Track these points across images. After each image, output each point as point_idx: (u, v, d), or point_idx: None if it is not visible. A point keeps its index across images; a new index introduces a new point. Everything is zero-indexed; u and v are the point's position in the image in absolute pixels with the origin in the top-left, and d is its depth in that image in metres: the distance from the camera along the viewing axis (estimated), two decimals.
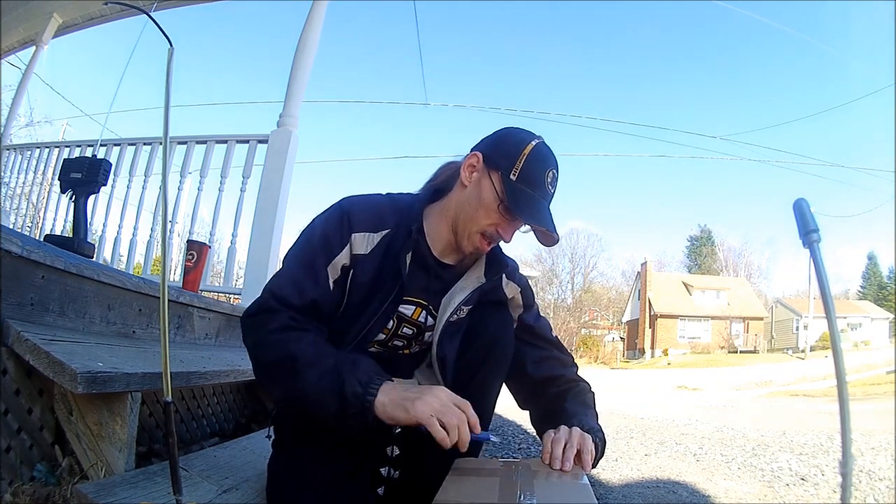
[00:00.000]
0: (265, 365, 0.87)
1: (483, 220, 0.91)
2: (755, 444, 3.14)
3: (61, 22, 3.96)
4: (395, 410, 0.76)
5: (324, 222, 0.93)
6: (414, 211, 0.96)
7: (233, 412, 1.81)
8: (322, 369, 0.79)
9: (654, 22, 50.29)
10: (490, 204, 0.90)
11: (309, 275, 0.89)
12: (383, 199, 0.98)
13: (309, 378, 0.79)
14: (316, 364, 0.80)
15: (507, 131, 0.95)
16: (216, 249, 3.00)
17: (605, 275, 40.40)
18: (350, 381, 0.77)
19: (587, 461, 0.81)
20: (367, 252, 0.91)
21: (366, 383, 0.77)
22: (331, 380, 0.78)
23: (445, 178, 1.01)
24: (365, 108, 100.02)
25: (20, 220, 4.24)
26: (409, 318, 0.97)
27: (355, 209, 0.93)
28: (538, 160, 0.90)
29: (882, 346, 22.47)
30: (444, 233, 0.97)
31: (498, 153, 0.92)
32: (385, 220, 0.93)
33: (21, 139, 8.46)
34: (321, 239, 0.91)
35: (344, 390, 0.76)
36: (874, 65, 37.92)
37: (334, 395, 0.77)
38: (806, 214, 0.67)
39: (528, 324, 1.07)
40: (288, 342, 0.82)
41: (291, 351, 0.81)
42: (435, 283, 0.97)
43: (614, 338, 35.57)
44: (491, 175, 0.91)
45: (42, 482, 0.94)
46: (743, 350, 27.13)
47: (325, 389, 0.78)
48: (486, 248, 0.95)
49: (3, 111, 4.25)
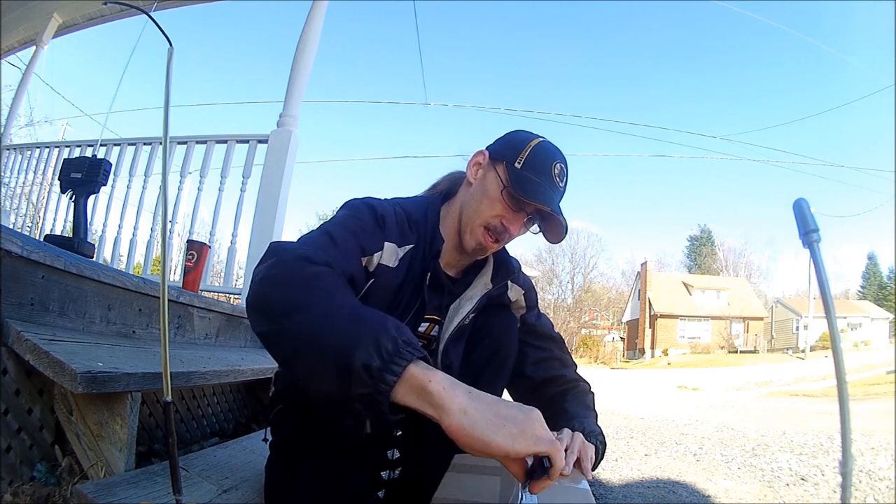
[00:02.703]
0: (264, 287, 0.65)
1: (487, 212, 0.89)
2: (755, 444, 3.14)
3: (61, 22, 3.96)
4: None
5: (357, 216, 0.83)
6: (430, 223, 0.92)
7: (233, 412, 1.81)
8: (335, 322, 0.58)
9: (654, 22, 50.33)
10: (494, 192, 0.88)
11: (345, 251, 0.77)
12: (400, 210, 0.90)
13: (311, 331, 0.58)
14: (329, 306, 0.60)
15: (514, 132, 0.95)
16: (216, 249, 2.99)
17: (605, 275, 40.47)
18: (364, 346, 0.55)
19: (587, 468, 0.80)
20: (392, 265, 0.86)
21: (388, 355, 0.55)
22: (342, 339, 0.56)
23: (450, 182, 1.01)
24: (365, 108, 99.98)
25: (20, 220, 4.24)
26: (423, 334, 0.97)
27: (387, 215, 0.86)
28: (545, 152, 0.89)
29: (882, 346, 22.48)
30: (450, 237, 0.95)
31: (504, 147, 0.92)
32: (407, 235, 0.89)
33: (21, 139, 8.45)
34: (360, 228, 0.81)
35: (352, 360, 0.55)
36: (874, 65, 37.93)
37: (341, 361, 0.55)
38: (806, 214, 0.67)
39: (530, 323, 1.07)
40: (310, 272, 0.64)
41: (310, 277, 0.63)
42: (448, 299, 0.96)
43: (614, 338, 35.56)
44: (496, 167, 0.90)
45: (42, 482, 0.94)
46: (743, 350, 27.12)
47: (329, 350, 0.56)
48: (491, 244, 0.91)
49: (3, 111, 4.26)
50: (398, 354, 0.55)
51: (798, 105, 45.72)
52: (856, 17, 43.81)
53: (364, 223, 0.83)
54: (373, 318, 0.58)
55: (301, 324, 0.58)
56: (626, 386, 10.71)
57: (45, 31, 3.90)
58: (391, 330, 0.56)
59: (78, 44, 29.22)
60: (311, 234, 0.80)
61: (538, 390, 1.05)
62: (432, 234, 0.92)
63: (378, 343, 0.54)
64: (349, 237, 0.79)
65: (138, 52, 2.90)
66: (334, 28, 37.50)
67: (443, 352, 0.94)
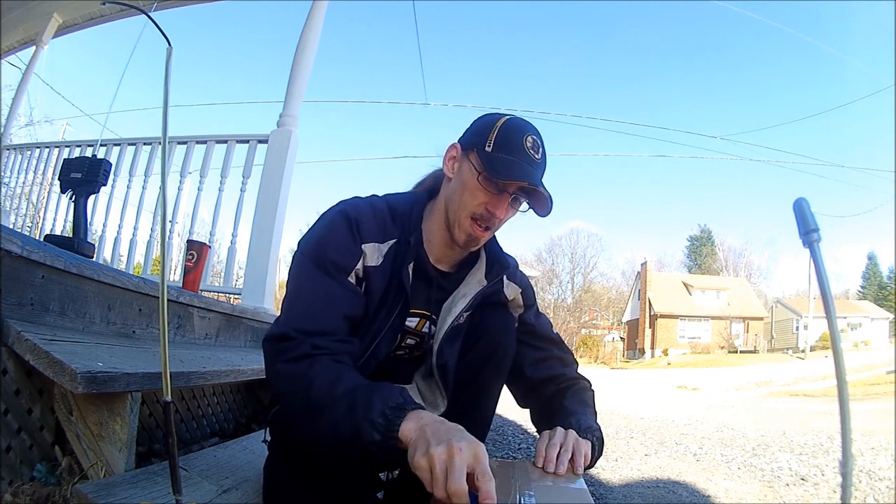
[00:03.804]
0: (284, 398, 0.82)
1: (470, 203, 0.87)
2: (755, 444, 3.14)
3: (61, 22, 3.97)
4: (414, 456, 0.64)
5: (331, 232, 0.86)
6: (414, 217, 0.93)
7: (233, 412, 1.81)
8: (337, 415, 0.71)
9: (654, 22, 50.34)
10: (472, 182, 0.87)
11: (328, 291, 0.83)
12: (383, 204, 0.92)
13: (324, 425, 0.72)
14: (329, 407, 0.72)
15: (480, 118, 0.94)
16: (216, 249, 3.00)
17: (605, 275, 40.53)
18: (365, 428, 0.68)
19: (579, 464, 0.80)
20: (377, 264, 0.87)
21: (384, 427, 0.68)
22: (348, 427, 0.70)
23: (434, 179, 1.00)
24: (365, 108, 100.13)
25: (20, 220, 4.24)
26: (413, 329, 0.96)
27: (362, 217, 0.87)
28: (513, 129, 0.88)
29: (882, 346, 22.48)
30: (438, 232, 0.94)
31: (472, 135, 0.90)
32: (390, 230, 0.89)
33: (21, 139, 8.45)
34: (334, 249, 0.85)
35: (362, 441, 0.68)
36: (874, 65, 37.94)
37: (354, 445, 0.70)
38: (806, 214, 0.67)
39: (528, 323, 1.06)
40: (305, 375, 0.76)
41: (307, 386, 0.74)
42: (437, 294, 0.96)
43: (614, 338, 35.58)
44: (469, 156, 0.88)
45: (42, 482, 0.94)
46: (743, 350, 27.14)
47: (342, 439, 0.70)
48: (481, 233, 0.89)
49: (3, 111, 4.26)
50: (390, 423, 0.68)
51: (798, 105, 45.85)
52: (856, 17, 43.83)
53: (338, 239, 0.86)
54: (364, 400, 0.70)
55: (321, 428, 0.74)
56: (626, 386, 10.71)
57: (45, 31, 3.90)
58: (377, 404, 0.69)
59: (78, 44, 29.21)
60: (296, 292, 0.85)
61: (537, 389, 1.05)
62: (416, 225, 0.92)
63: (373, 423, 0.68)
64: (325, 281, 0.84)
65: (138, 52, 2.91)
66: (334, 28, 37.51)
67: (437, 352, 0.94)
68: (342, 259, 0.85)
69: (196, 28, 40.45)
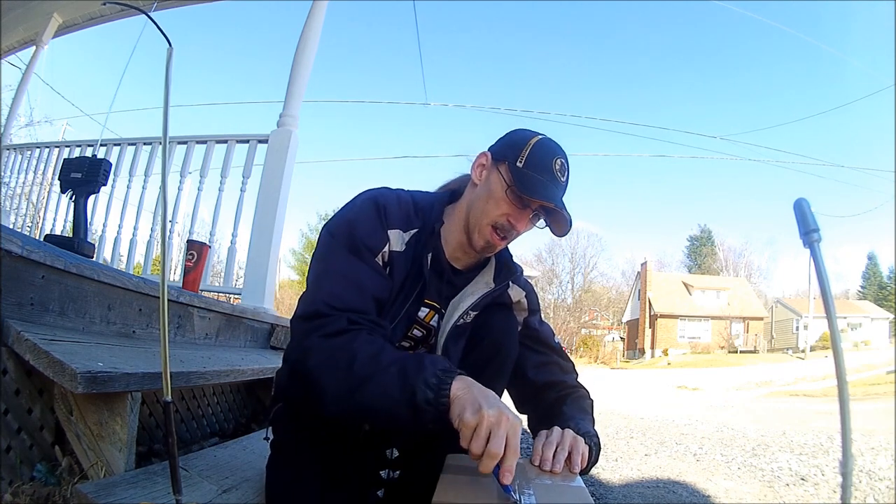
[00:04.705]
0: (320, 372, 0.78)
1: (493, 212, 0.91)
2: (755, 444, 3.14)
3: (61, 22, 3.97)
4: (465, 411, 0.69)
5: (359, 214, 0.89)
6: (435, 211, 0.95)
7: (233, 412, 1.81)
8: (386, 379, 0.72)
9: (654, 22, 50.35)
10: (499, 193, 0.90)
11: (358, 271, 0.85)
12: (408, 197, 0.95)
13: (372, 391, 0.73)
14: (378, 374, 0.73)
15: (514, 131, 0.97)
16: (216, 249, 3.00)
17: (605, 275, 40.48)
18: (420, 387, 0.70)
19: (576, 462, 0.80)
20: (401, 250, 0.90)
21: (437, 386, 0.70)
22: (399, 390, 0.71)
23: (459, 183, 1.03)
24: (365, 108, 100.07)
25: (20, 220, 4.24)
26: (423, 320, 0.97)
27: (389, 204, 0.91)
28: (545, 149, 0.91)
29: (882, 346, 22.48)
30: (456, 234, 0.97)
31: (505, 147, 0.94)
32: (413, 220, 0.92)
33: (21, 139, 8.45)
34: (363, 231, 0.87)
35: (416, 399, 0.70)
36: (874, 65, 37.96)
37: (407, 406, 0.71)
38: (806, 214, 0.67)
39: (532, 328, 1.07)
40: (345, 348, 0.76)
41: (350, 358, 0.75)
42: (447, 289, 0.98)
43: (614, 338, 35.57)
44: (499, 167, 0.92)
45: (42, 482, 0.94)
46: (743, 350, 27.13)
47: (394, 402, 0.71)
48: (499, 242, 0.93)
49: (3, 111, 4.26)
50: (442, 382, 0.71)
51: (798, 105, 45.80)
52: (856, 17, 43.84)
53: (366, 222, 0.88)
54: (415, 365, 0.73)
55: (367, 395, 0.73)
56: (626, 386, 10.72)
57: (45, 31, 3.90)
58: (428, 366, 0.72)
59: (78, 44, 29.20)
60: (326, 271, 0.86)
61: (538, 394, 1.06)
62: (437, 218, 0.95)
63: (426, 381, 0.71)
64: (354, 261, 0.85)
65: (138, 52, 2.91)
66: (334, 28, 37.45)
67: (442, 349, 0.95)
68: (371, 241, 0.87)
69: (196, 28, 40.46)
